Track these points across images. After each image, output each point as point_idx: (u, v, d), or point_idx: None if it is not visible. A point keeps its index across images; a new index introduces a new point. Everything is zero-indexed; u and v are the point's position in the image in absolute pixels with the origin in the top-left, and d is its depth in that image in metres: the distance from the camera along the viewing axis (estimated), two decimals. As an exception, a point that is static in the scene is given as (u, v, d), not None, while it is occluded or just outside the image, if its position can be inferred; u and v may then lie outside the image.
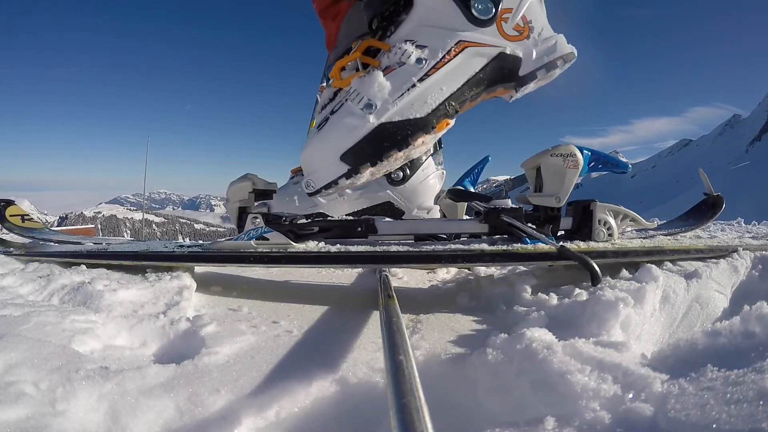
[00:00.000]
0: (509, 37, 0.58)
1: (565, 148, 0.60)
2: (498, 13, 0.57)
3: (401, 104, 0.55)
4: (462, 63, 0.57)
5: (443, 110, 0.57)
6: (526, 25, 0.58)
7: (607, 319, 0.40)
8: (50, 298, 0.48)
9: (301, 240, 0.59)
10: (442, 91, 0.56)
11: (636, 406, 0.26)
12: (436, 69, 0.56)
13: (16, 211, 0.95)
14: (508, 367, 0.33)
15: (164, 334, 0.42)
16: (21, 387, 0.29)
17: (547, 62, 0.59)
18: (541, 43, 0.59)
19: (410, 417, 0.21)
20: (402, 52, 0.56)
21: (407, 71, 0.56)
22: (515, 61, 0.58)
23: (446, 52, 0.56)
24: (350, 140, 0.55)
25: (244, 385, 0.33)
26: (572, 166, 0.59)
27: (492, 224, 0.60)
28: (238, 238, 0.58)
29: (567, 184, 0.59)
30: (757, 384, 0.26)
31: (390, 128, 0.55)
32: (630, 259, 0.56)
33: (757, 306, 0.37)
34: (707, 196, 1.03)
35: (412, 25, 0.58)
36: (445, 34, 0.57)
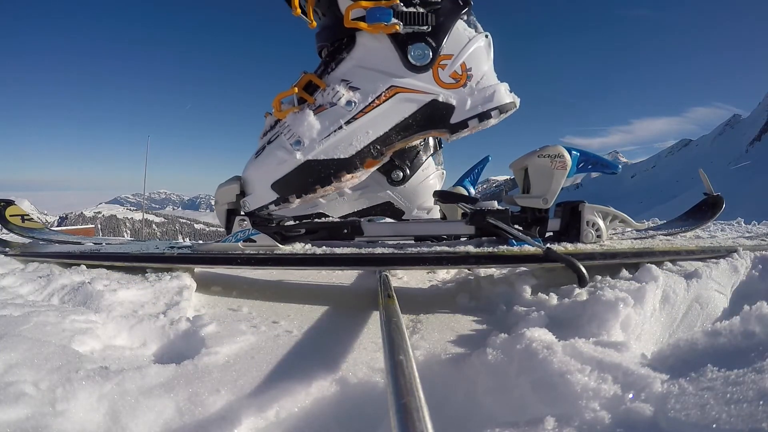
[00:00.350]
0: (444, 84, 0.58)
1: (552, 148, 0.59)
2: (436, 59, 0.57)
3: (327, 144, 0.57)
4: (391, 108, 0.57)
5: (368, 152, 0.58)
6: (464, 73, 0.58)
7: (607, 319, 0.40)
8: (50, 298, 0.48)
9: (289, 242, 0.60)
10: (368, 134, 0.57)
11: (636, 406, 0.26)
12: (364, 113, 0.57)
13: (16, 211, 0.95)
14: (508, 367, 0.33)
15: (164, 334, 0.42)
16: (21, 387, 0.29)
17: (481, 112, 0.58)
18: (477, 92, 0.58)
19: (410, 417, 0.21)
20: (334, 93, 0.57)
21: (336, 113, 0.57)
22: (447, 108, 0.58)
23: (376, 97, 0.57)
24: (279, 172, 0.58)
25: (244, 385, 0.33)
26: (560, 167, 0.59)
27: (478, 226, 0.60)
28: (226, 240, 0.59)
29: (554, 185, 0.58)
30: (757, 384, 0.26)
31: (315, 165, 0.58)
32: (619, 260, 0.55)
33: (757, 306, 0.37)
34: (707, 196, 1.03)
35: (350, 65, 0.59)
36: (378, 78, 0.58)
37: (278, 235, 0.60)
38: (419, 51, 0.57)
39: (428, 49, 0.57)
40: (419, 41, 0.57)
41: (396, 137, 0.58)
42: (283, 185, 0.58)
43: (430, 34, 0.57)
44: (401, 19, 0.56)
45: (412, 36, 0.57)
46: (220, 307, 0.52)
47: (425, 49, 0.57)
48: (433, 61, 0.57)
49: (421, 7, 0.57)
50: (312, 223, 0.62)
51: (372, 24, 0.55)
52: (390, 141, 0.58)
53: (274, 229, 0.60)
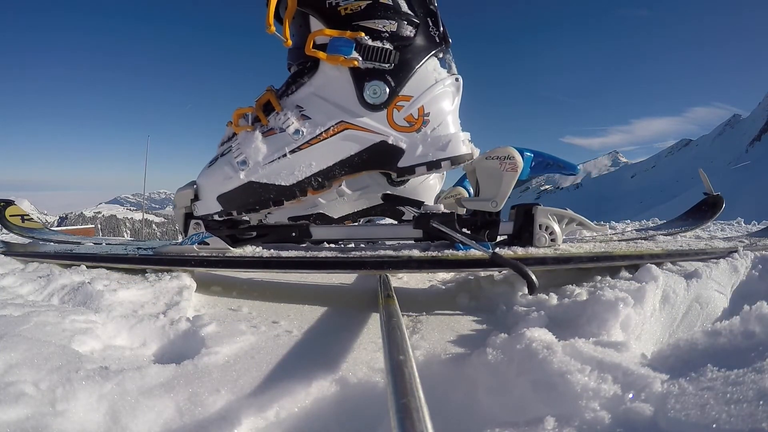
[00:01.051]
0: (397, 126, 0.56)
1: (502, 150, 0.58)
2: (392, 100, 0.55)
3: (269, 169, 0.57)
4: (336, 144, 0.56)
5: (308, 183, 0.57)
6: (420, 117, 0.56)
7: (607, 319, 0.40)
8: (50, 298, 0.48)
9: (241, 244, 0.61)
10: (311, 166, 0.57)
11: (636, 406, 0.26)
12: (310, 144, 0.56)
13: (16, 211, 0.95)
14: (508, 367, 0.33)
15: (164, 334, 0.42)
16: (21, 387, 0.29)
17: (430, 161, 0.56)
18: (431, 139, 0.56)
19: (410, 417, 0.21)
20: (285, 119, 0.56)
21: (283, 139, 0.57)
22: (396, 152, 0.56)
23: (324, 130, 0.56)
24: (224, 187, 0.58)
25: (244, 385, 0.33)
26: (510, 169, 0.57)
27: (423, 230, 0.59)
28: (183, 243, 0.61)
29: (504, 188, 0.57)
30: (757, 384, 0.26)
31: (257, 188, 0.58)
32: (573, 265, 0.54)
33: (757, 306, 0.37)
34: (707, 196, 1.03)
35: (307, 92, 0.58)
36: (330, 111, 0.57)
37: (231, 238, 0.60)
38: (376, 89, 0.55)
39: (386, 87, 0.55)
40: (378, 78, 0.55)
41: (339, 172, 0.57)
42: (227, 200, 0.58)
43: (391, 73, 0.55)
44: (363, 53, 0.54)
45: (372, 72, 0.55)
46: (220, 307, 0.52)
47: (383, 88, 0.55)
48: (389, 101, 0.55)
49: (389, 43, 0.54)
50: (261, 227, 0.62)
51: (331, 55, 0.54)
52: (333, 175, 0.57)
53: (226, 232, 0.60)
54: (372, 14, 0.54)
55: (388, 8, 0.55)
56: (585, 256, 0.55)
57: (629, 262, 0.56)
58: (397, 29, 0.55)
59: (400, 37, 0.55)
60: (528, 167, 0.60)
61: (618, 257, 0.56)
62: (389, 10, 0.55)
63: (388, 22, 0.55)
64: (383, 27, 0.55)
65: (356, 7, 0.54)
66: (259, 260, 0.56)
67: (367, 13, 0.54)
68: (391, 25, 0.55)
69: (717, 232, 1.05)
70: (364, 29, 0.54)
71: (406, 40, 0.55)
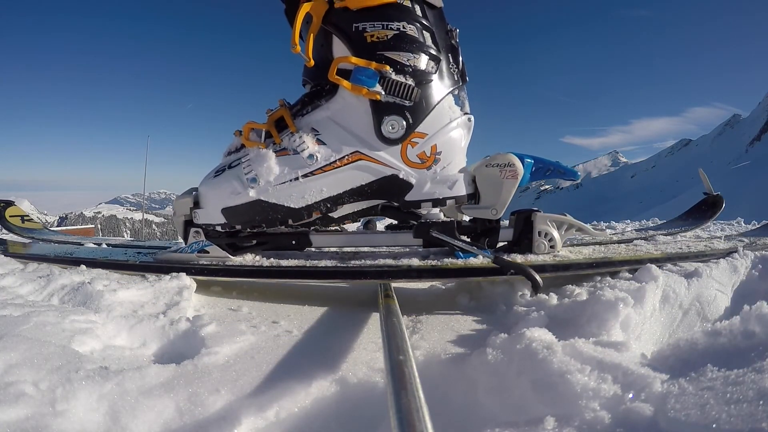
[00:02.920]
0: (409, 162, 0.57)
1: (502, 157, 0.58)
2: (409, 136, 0.56)
3: (280, 190, 0.57)
4: (350, 173, 0.57)
5: (317, 207, 0.58)
6: (432, 155, 0.57)
7: (607, 318, 0.40)
8: (50, 298, 0.48)
9: (241, 252, 0.61)
10: (322, 192, 0.57)
11: (636, 406, 0.26)
12: (323, 171, 0.56)
13: (16, 212, 0.95)
14: (508, 367, 0.33)
15: (164, 334, 0.42)
16: (21, 387, 0.29)
17: (436, 198, 0.57)
18: (439, 177, 0.57)
19: (410, 417, 0.21)
20: (300, 143, 0.56)
21: (296, 162, 0.57)
22: (405, 186, 0.57)
23: (339, 158, 0.56)
24: (231, 201, 0.58)
25: (244, 385, 0.33)
26: (510, 177, 0.57)
27: (423, 238, 0.59)
28: (183, 251, 0.61)
29: (505, 195, 0.57)
30: (757, 384, 0.26)
31: (265, 206, 0.58)
32: (573, 272, 0.54)
33: (757, 306, 0.37)
34: (707, 196, 1.04)
35: (324, 115, 0.58)
36: (346, 139, 0.57)
37: (230, 246, 0.60)
38: (394, 124, 0.55)
39: (404, 123, 0.55)
40: (397, 114, 0.55)
41: (348, 199, 0.58)
42: (232, 214, 0.58)
43: (411, 109, 0.55)
44: (386, 87, 0.54)
45: (393, 107, 0.55)
46: (220, 307, 0.52)
47: (401, 123, 0.55)
48: (405, 136, 0.56)
49: (412, 78, 0.55)
50: (262, 235, 0.62)
51: (355, 85, 0.54)
52: (341, 202, 0.58)
53: (226, 240, 0.60)
54: (398, 46, 0.55)
55: (414, 41, 0.55)
56: (584, 263, 0.55)
57: (628, 267, 0.56)
58: (419, 64, 0.55)
59: (423, 72, 0.56)
60: (528, 173, 0.59)
61: (617, 262, 0.56)
62: (414, 43, 0.55)
63: (412, 56, 0.55)
64: (407, 60, 0.55)
65: (383, 36, 0.54)
66: (260, 269, 0.56)
67: (393, 44, 0.55)
68: (414, 59, 0.55)
69: (717, 232, 1.05)
70: (388, 60, 0.55)
71: (428, 76, 0.56)
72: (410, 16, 0.55)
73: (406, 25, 0.54)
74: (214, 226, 0.60)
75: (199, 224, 0.61)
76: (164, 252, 0.63)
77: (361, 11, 0.54)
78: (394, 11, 0.54)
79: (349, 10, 0.54)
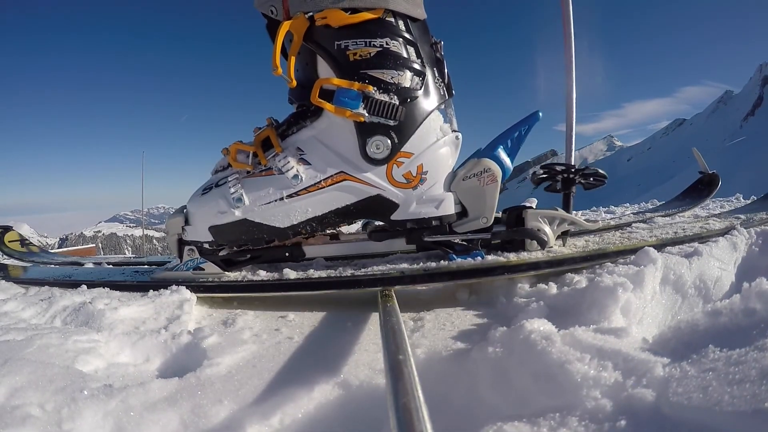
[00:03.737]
0: (395, 182, 0.56)
1: (475, 165, 0.56)
2: (394, 155, 0.55)
3: (265, 210, 0.57)
4: (335, 194, 0.57)
5: (303, 227, 0.58)
6: (418, 175, 0.56)
7: (607, 305, 0.40)
8: (52, 320, 0.49)
9: (235, 267, 0.61)
10: (307, 212, 0.57)
11: (637, 392, 0.26)
12: (308, 191, 0.56)
13: (15, 237, 0.96)
14: (508, 360, 0.33)
15: (166, 348, 0.42)
16: (27, 410, 0.29)
17: (422, 218, 0.56)
18: (425, 196, 0.56)
19: (410, 417, 0.21)
20: (285, 163, 0.56)
21: (281, 182, 0.56)
22: (391, 206, 0.57)
23: (323, 179, 0.56)
24: (218, 220, 0.58)
25: (246, 394, 0.33)
26: (490, 182, 0.56)
27: (416, 244, 0.59)
28: (178, 268, 0.61)
29: (490, 202, 0.57)
30: (759, 362, 0.26)
31: (250, 226, 0.58)
32: (567, 267, 0.54)
33: (757, 283, 0.37)
34: (703, 175, 1.03)
35: (309, 134, 0.58)
36: (331, 159, 0.56)
37: (225, 262, 0.61)
38: (379, 144, 0.54)
39: (389, 143, 0.55)
40: (382, 134, 0.54)
41: (334, 219, 0.58)
42: (219, 232, 0.59)
43: (396, 129, 0.55)
44: (370, 107, 0.53)
45: (377, 127, 0.54)
46: (221, 318, 0.52)
47: (386, 143, 0.54)
48: (391, 156, 0.55)
49: (396, 96, 0.54)
50: (255, 249, 0.62)
51: (338, 107, 0.53)
52: (327, 222, 0.58)
53: (220, 256, 0.61)
54: (381, 63, 0.54)
55: (398, 57, 0.54)
56: (578, 257, 0.54)
57: (624, 258, 0.55)
58: (404, 81, 0.54)
59: (407, 89, 0.55)
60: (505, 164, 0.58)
61: (612, 253, 0.56)
62: (398, 59, 0.54)
63: (396, 73, 0.54)
64: (391, 78, 0.54)
65: (366, 54, 0.53)
66: (255, 284, 0.57)
67: (377, 61, 0.54)
68: (399, 76, 0.54)
69: (716, 209, 1.05)
70: (372, 79, 0.54)
71: (413, 93, 0.55)
72: (393, 32, 0.54)
73: (389, 41, 0.54)
74: (201, 243, 0.60)
75: (188, 241, 0.61)
76: (161, 271, 0.64)
77: (343, 29, 0.53)
78: (376, 27, 0.53)
79: (331, 27, 0.53)
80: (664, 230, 0.69)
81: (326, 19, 0.53)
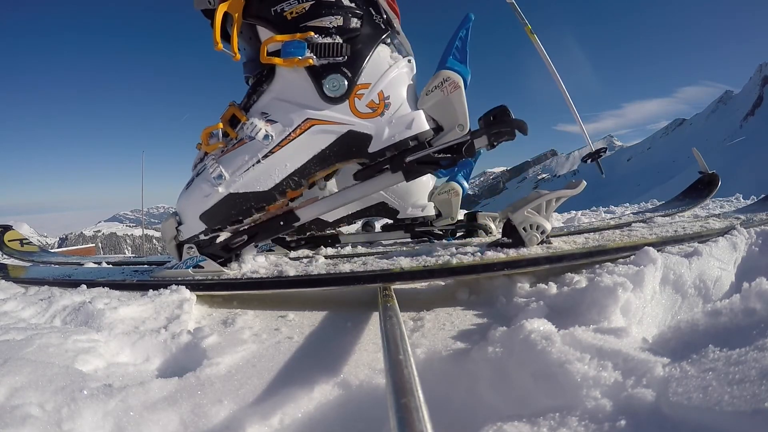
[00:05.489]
0: (360, 114, 0.57)
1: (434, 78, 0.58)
2: (352, 89, 0.56)
3: (246, 178, 0.58)
4: (306, 141, 0.57)
5: (287, 184, 0.58)
6: (381, 102, 0.57)
7: (607, 305, 0.40)
8: (52, 320, 0.49)
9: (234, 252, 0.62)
10: (286, 167, 0.58)
11: (637, 392, 0.26)
12: (281, 146, 0.57)
13: (15, 236, 0.96)
14: (508, 360, 0.33)
15: (166, 348, 0.42)
16: (27, 409, 0.29)
17: (398, 141, 0.57)
18: (395, 120, 0.57)
19: (410, 417, 0.21)
20: (253, 127, 0.57)
21: (254, 147, 0.57)
22: (364, 138, 0.57)
23: (292, 130, 0.57)
24: (205, 205, 0.59)
25: (246, 394, 0.33)
26: (453, 89, 0.57)
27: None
28: (177, 267, 0.62)
29: (459, 109, 0.58)
30: (759, 362, 0.26)
31: (237, 199, 0.59)
32: (567, 263, 0.54)
33: (757, 282, 0.37)
34: (703, 175, 1.03)
35: (269, 98, 0.59)
36: (294, 111, 0.57)
37: (224, 249, 0.61)
38: (334, 82, 0.56)
39: (344, 79, 0.56)
40: (335, 72, 0.56)
41: (314, 168, 0.58)
42: (210, 217, 0.59)
43: (346, 65, 0.56)
44: (316, 51, 0.55)
45: (328, 67, 0.56)
46: (220, 318, 0.52)
47: (341, 80, 0.56)
48: (350, 91, 0.56)
49: (338, 36, 0.56)
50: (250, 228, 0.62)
51: (286, 59, 0.55)
52: (309, 172, 0.58)
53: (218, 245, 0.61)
54: (317, 13, 0.56)
55: (332, 5, 0.56)
56: (578, 253, 0.54)
57: (623, 255, 0.55)
58: (343, 23, 0.56)
59: (348, 29, 0.57)
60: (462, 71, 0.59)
61: (612, 250, 0.56)
62: (332, 6, 0.56)
63: (333, 18, 0.56)
64: (330, 23, 0.56)
65: (300, 10, 0.56)
66: (253, 281, 0.57)
67: (312, 13, 0.56)
68: (336, 20, 0.56)
69: (716, 209, 1.05)
70: (312, 29, 0.56)
71: (354, 32, 0.57)
72: None
73: None
74: (197, 235, 0.60)
75: (184, 239, 0.61)
76: (160, 270, 0.64)
77: None
78: None
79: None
80: (663, 228, 0.69)
81: None
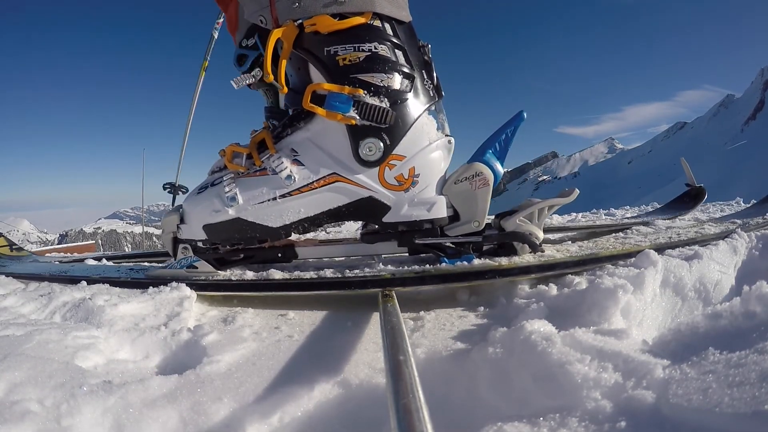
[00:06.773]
0: (387, 184, 0.57)
1: (467, 169, 0.57)
2: (386, 158, 0.56)
3: (258, 210, 0.58)
4: (327, 196, 0.57)
5: (295, 228, 0.58)
6: (410, 178, 0.57)
7: (607, 306, 0.40)
8: (52, 315, 0.49)
9: (228, 266, 0.62)
10: (300, 212, 0.58)
11: (637, 393, 0.26)
12: (300, 192, 0.57)
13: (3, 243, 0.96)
14: (508, 360, 0.33)
15: (166, 345, 0.42)
16: (26, 405, 0.29)
17: (414, 221, 0.57)
18: (417, 199, 0.57)
19: (410, 417, 0.21)
20: (279, 163, 0.57)
21: (275, 182, 0.57)
22: (383, 207, 0.57)
23: (316, 179, 0.57)
24: (212, 219, 0.59)
25: (246, 392, 0.33)
26: (482, 185, 0.56)
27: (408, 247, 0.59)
28: (172, 266, 0.62)
29: (482, 206, 0.57)
30: (759, 365, 0.26)
31: (243, 225, 0.58)
32: (559, 271, 0.54)
33: (757, 286, 0.37)
34: (690, 188, 1.03)
35: (303, 136, 0.58)
36: (324, 161, 0.57)
37: (218, 261, 0.61)
38: (371, 146, 0.55)
39: (381, 145, 0.55)
40: (374, 137, 0.55)
41: (326, 220, 0.58)
42: (213, 231, 0.59)
43: (387, 132, 0.55)
44: (361, 111, 0.54)
45: (369, 129, 0.55)
46: (221, 316, 0.52)
47: (378, 146, 0.55)
48: (383, 159, 0.56)
49: (386, 99, 0.55)
50: (247, 249, 0.62)
51: (330, 112, 0.54)
52: (319, 222, 0.58)
53: (213, 255, 0.61)
54: (370, 67, 0.54)
55: (386, 61, 0.55)
56: (570, 261, 0.54)
57: (616, 262, 0.55)
58: (393, 83, 0.55)
59: (397, 91, 0.55)
60: (496, 169, 0.58)
61: (604, 258, 0.55)
62: (387, 63, 0.55)
63: (385, 76, 0.55)
64: (381, 81, 0.55)
65: (355, 59, 0.54)
66: (246, 283, 0.57)
67: (366, 65, 0.54)
68: (388, 79, 0.55)
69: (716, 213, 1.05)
70: (362, 83, 0.55)
71: (402, 95, 0.56)
72: (381, 36, 0.55)
73: (377, 46, 0.54)
74: (196, 242, 0.61)
75: (183, 239, 0.61)
76: (155, 269, 0.64)
77: (332, 34, 0.54)
78: (364, 32, 0.54)
79: (320, 33, 0.54)
80: (658, 235, 0.69)
81: (315, 26, 0.54)
